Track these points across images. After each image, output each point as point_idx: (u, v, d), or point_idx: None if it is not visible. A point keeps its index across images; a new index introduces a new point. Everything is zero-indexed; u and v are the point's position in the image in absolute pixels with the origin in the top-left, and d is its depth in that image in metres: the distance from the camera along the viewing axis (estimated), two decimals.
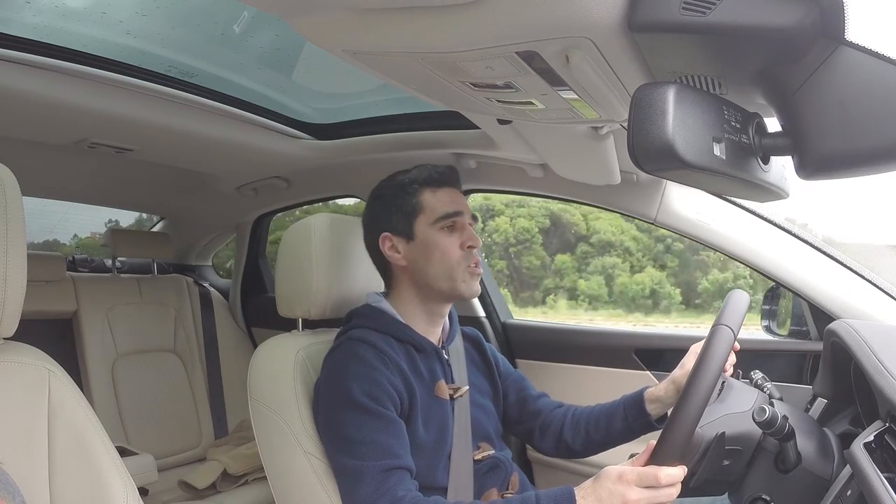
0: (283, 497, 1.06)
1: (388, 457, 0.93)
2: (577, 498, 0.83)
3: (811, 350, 1.36)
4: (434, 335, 1.13)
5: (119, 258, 2.30)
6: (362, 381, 0.97)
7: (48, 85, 1.25)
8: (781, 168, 0.68)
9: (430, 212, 1.09)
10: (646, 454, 0.83)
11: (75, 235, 3.07)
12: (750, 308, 0.90)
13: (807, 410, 1.14)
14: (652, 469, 0.79)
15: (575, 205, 1.53)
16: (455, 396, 1.08)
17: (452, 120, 1.39)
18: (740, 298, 0.88)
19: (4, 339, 0.78)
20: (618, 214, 1.53)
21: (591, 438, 1.17)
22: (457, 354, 1.16)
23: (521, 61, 0.71)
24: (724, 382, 1.02)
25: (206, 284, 2.49)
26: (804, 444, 0.89)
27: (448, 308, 1.15)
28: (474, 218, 1.13)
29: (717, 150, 0.54)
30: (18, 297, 0.76)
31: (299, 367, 1.08)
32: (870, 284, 1.27)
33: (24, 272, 0.76)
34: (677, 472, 0.80)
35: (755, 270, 1.35)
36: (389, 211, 1.11)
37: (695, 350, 1.10)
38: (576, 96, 0.82)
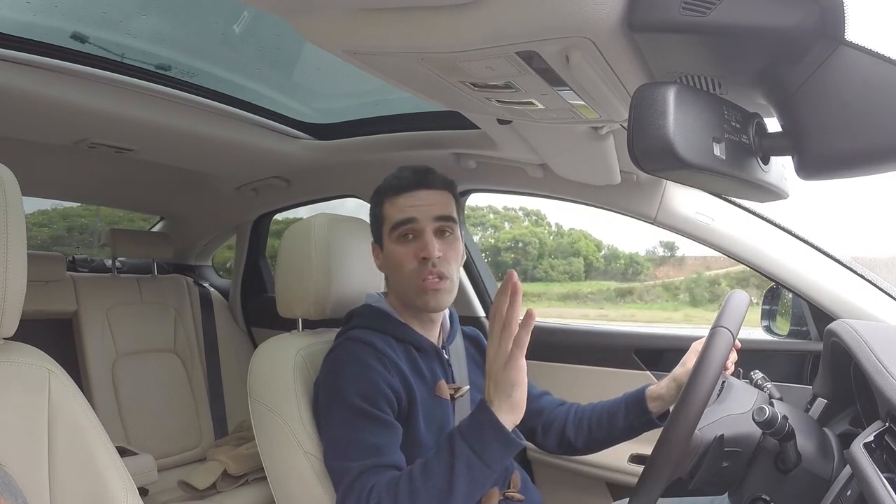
0: (283, 497, 1.06)
1: (372, 456, 0.91)
2: (491, 406, 0.84)
3: (811, 350, 1.36)
4: (432, 336, 1.12)
5: (119, 258, 2.30)
6: (357, 382, 0.97)
7: (48, 85, 1.25)
8: (781, 168, 0.68)
9: (388, 221, 1.07)
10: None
11: None
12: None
13: (807, 410, 1.13)
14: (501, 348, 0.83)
15: None
16: (456, 396, 1.08)
17: (452, 120, 1.39)
18: (740, 299, 0.88)
19: (4, 339, 0.78)
20: None
21: (594, 436, 1.17)
22: (457, 354, 1.15)
23: (521, 61, 0.71)
24: (724, 382, 1.01)
25: (206, 284, 2.49)
26: (804, 444, 0.89)
27: (434, 314, 1.11)
28: (451, 220, 1.06)
29: (717, 150, 0.54)
30: (18, 297, 0.75)
31: (299, 367, 1.08)
32: (870, 284, 1.27)
33: (24, 272, 0.76)
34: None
35: (755, 270, 1.34)
36: (371, 220, 1.14)
37: (696, 347, 1.10)
38: (576, 96, 0.82)
